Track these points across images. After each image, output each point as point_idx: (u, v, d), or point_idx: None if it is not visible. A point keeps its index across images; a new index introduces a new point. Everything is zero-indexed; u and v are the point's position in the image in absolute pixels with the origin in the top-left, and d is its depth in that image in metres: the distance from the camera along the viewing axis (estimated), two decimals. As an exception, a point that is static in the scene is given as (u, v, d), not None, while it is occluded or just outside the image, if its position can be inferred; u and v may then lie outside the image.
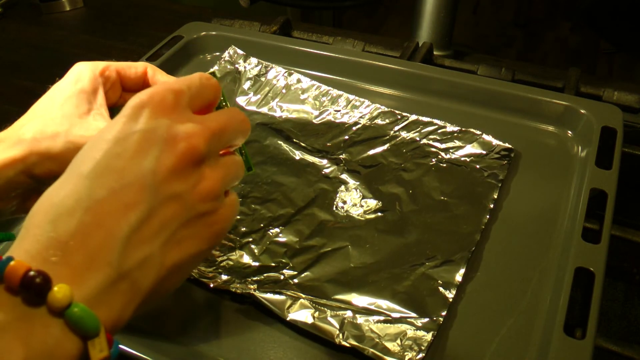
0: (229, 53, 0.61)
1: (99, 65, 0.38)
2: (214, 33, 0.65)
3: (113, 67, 0.39)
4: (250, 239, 0.44)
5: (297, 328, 0.38)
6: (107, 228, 0.25)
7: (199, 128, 0.28)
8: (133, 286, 0.25)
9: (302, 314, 0.38)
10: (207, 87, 0.31)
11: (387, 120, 0.53)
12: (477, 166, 0.48)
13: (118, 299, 0.25)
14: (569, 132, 0.52)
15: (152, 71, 0.40)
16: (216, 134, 0.29)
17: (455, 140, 0.50)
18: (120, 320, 0.25)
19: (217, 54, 0.65)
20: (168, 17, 0.90)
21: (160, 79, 0.40)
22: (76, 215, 0.24)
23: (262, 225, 0.45)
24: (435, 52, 0.68)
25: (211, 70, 0.40)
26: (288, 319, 0.38)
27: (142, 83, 0.40)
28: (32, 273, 0.22)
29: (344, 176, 0.49)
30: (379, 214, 0.45)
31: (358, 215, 0.45)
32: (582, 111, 0.51)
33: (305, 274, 0.41)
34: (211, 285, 0.40)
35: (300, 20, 1.91)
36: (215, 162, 0.29)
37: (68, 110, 0.35)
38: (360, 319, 0.37)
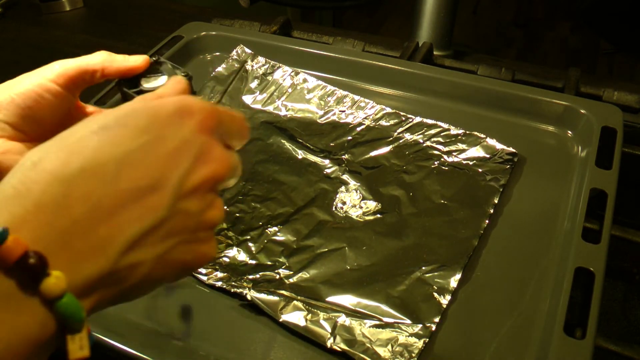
0: (237, 52, 0.61)
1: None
2: (214, 33, 0.65)
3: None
4: (249, 237, 0.44)
5: (292, 329, 0.38)
6: (119, 222, 0.24)
7: (226, 156, 0.29)
8: (116, 284, 0.25)
9: (294, 315, 0.38)
10: (242, 130, 0.32)
11: (391, 122, 0.53)
12: (480, 170, 0.48)
13: (99, 291, 0.24)
14: (569, 132, 0.52)
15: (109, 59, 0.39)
16: (236, 167, 0.30)
17: (458, 144, 0.50)
18: (93, 311, 0.25)
19: (217, 54, 0.65)
20: (168, 17, 0.90)
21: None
22: (93, 198, 0.23)
23: (260, 223, 0.45)
24: (435, 52, 0.68)
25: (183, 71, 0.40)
26: (281, 320, 0.38)
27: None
28: (31, 259, 0.21)
29: (345, 177, 0.49)
30: (378, 215, 0.45)
31: (357, 217, 0.45)
32: (582, 111, 0.51)
33: (301, 274, 0.41)
34: (206, 282, 0.40)
35: (300, 20, 1.91)
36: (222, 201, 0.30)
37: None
38: (353, 323, 0.37)
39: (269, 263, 0.42)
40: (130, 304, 0.27)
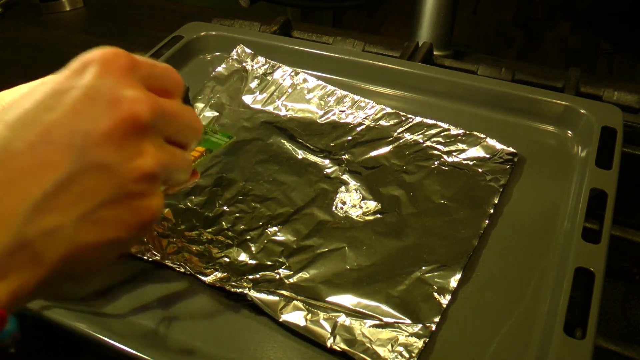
0: (237, 52, 0.61)
1: None
2: (214, 33, 0.65)
3: None
4: (249, 237, 0.44)
5: (292, 329, 0.38)
6: (17, 187, 0.22)
7: (146, 97, 0.25)
8: (35, 258, 0.22)
9: (294, 315, 0.38)
10: (170, 74, 0.29)
11: (391, 122, 0.53)
12: (480, 170, 0.48)
13: (16, 270, 0.22)
14: (569, 132, 0.52)
15: None
16: (166, 113, 0.26)
17: (458, 144, 0.50)
18: (18, 295, 0.22)
19: (217, 54, 0.65)
20: (168, 17, 0.90)
21: None
22: None
23: (260, 223, 0.45)
24: (435, 52, 0.68)
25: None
26: (281, 320, 0.38)
27: None
28: None
29: (345, 177, 0.49)
30: (378, 215, 0.45)
31: (357, 217, 0.45)
32: (582, 111, 0.51)
33: (301, 274, 0.41)
34: (207, 282, 0.41)
35: (300, 20, 1.91)
36: (160, 144, 0.27)
37: None
38: (353, 323, 0.37)
39: (269, 263, 0.42)
40: (131, 304, 0.27)
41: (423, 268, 0.41)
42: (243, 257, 0.42)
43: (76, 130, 0.23)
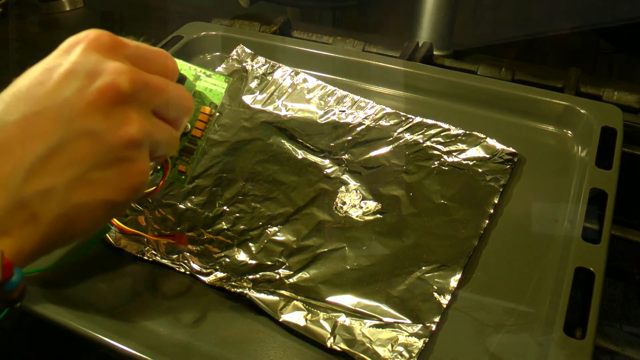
0: (236, 52, 0.61)
1: None
2: (213, 33, 0.65)
3: None
4: (249, 237, 0.44)
5: (292, 329, 0.38)
6: (12, 154, 0.24)
7: (127, 68, 0.28)
8: (33, 217, 0.25)
9: (294, 315, 0.38)
10: (161, 56, 0.31)
11: (391, 122, 0.53)
12: (480, 170, 0.48)
13: (17, 228, 0.24)
14: (569, 132, 0.52)
15: None
16: (150, 85, 0.29)
17: (458, 144, 0.50)
18: (20, 251, 0.25)
19: (217, 54, 0.65)
20: (168, 17, 0.90)
21: None
22: None
23: (260, 223, 0.45)
24: (435, 52, 0.68)
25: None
26: (280, 320, 0.38)
27: None
28: None
29: (345, 177, 0.49)
30: (378, 215, 0.45)
31: (357, 217, 0.45)
32: (582, 111, 0.51)
33: (301, 274, 0.41)
34: (206, 282, 0.41)
35: (300, 20, 1.90)
36: (147, 114, 0.29)
37: None
38: (353, 323, 0.37)
39: (269, 263, 0.42)
40: (131, 303, 0.27)
41: (423, 268, 0.41)
42: (243, 257, 0.42)
43: (63, 101, 0.25)
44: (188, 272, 0.41)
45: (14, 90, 0.26)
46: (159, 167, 0.40)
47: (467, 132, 0.51)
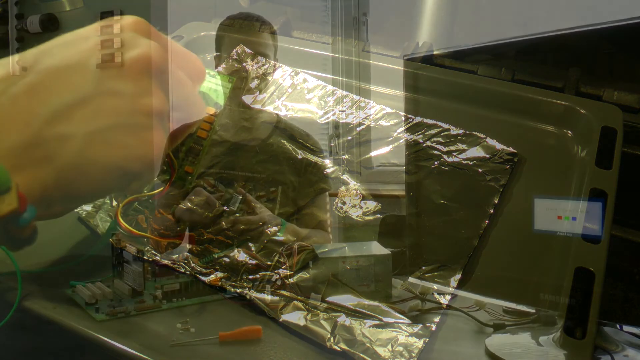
0: (237, 52, 0.61)
1: None
2: (214, 33, 0.65)
3: None
4: (249, 237, 0.44)
5: (292, 329, 0.38)
6: (41, 95, 0.26)
7: (159, 47, 0.29)
8: (47, 159, 0.26)
9: (294, 315, 0.38)
10: (189, 55, 0.32)
11: (391, 122, 0.53)
12: (480, 170, 0.48)
13: (31, 166, 0.26)
14: (569, 132, 0.52)
15: None
16: (161, 58, 0.30)
17: (458, 144, 0.50)
18: (32, 190, 0.26)
19: (217, 54, 0.65)
20: (168, 17, 0.90)
21: None
22: (8, 81, 0.26)
23: (260, 223, 0.45)
24: (435, 52, 0.68)
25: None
26: (281, 320, 0.38)
27: None
28: None
29: (345, 177, 0.49)
30: (378, 215, 0.45)
31: (357, 217, 0.45)
32: (582, 111, 0.51)
33: (301, 274, 0.41)
34: (207, 282, 0.41)
35: (300, 20, 1.90)
36: (165, 97, 0.30)
37: None
38: (353, 323, 0.37)
39: (269, 263, 0.42)
40: (131, 304, 0.27)
41: (423, 268, 0.41)
42: (243, 256, 0.42)
43: (96, 62, 0.27)
44: (188, 272, 0.41)
45: (56, 43, 0.28)
46: (165, 168, 0.40)
47: (467, 132, 0.50)
